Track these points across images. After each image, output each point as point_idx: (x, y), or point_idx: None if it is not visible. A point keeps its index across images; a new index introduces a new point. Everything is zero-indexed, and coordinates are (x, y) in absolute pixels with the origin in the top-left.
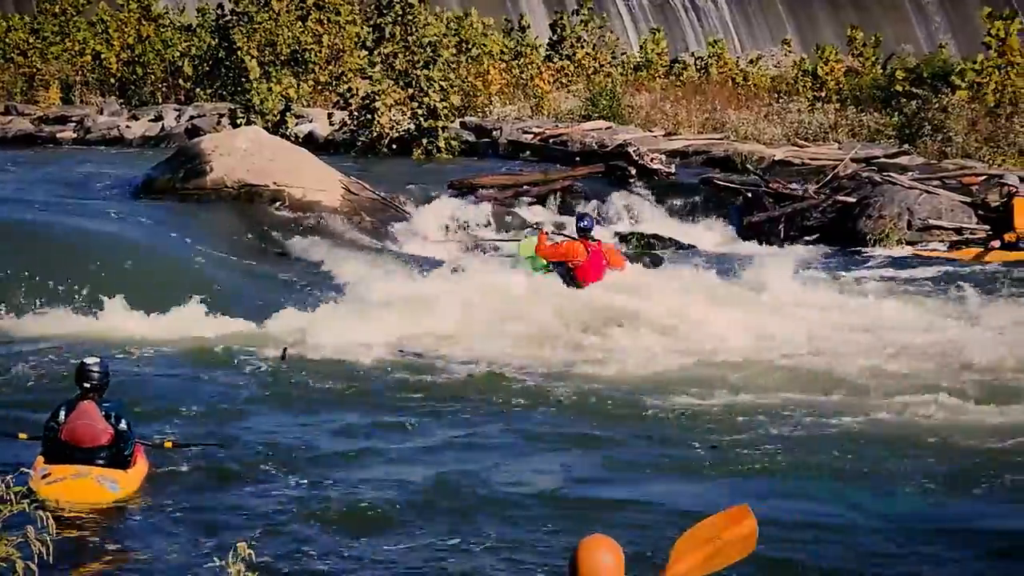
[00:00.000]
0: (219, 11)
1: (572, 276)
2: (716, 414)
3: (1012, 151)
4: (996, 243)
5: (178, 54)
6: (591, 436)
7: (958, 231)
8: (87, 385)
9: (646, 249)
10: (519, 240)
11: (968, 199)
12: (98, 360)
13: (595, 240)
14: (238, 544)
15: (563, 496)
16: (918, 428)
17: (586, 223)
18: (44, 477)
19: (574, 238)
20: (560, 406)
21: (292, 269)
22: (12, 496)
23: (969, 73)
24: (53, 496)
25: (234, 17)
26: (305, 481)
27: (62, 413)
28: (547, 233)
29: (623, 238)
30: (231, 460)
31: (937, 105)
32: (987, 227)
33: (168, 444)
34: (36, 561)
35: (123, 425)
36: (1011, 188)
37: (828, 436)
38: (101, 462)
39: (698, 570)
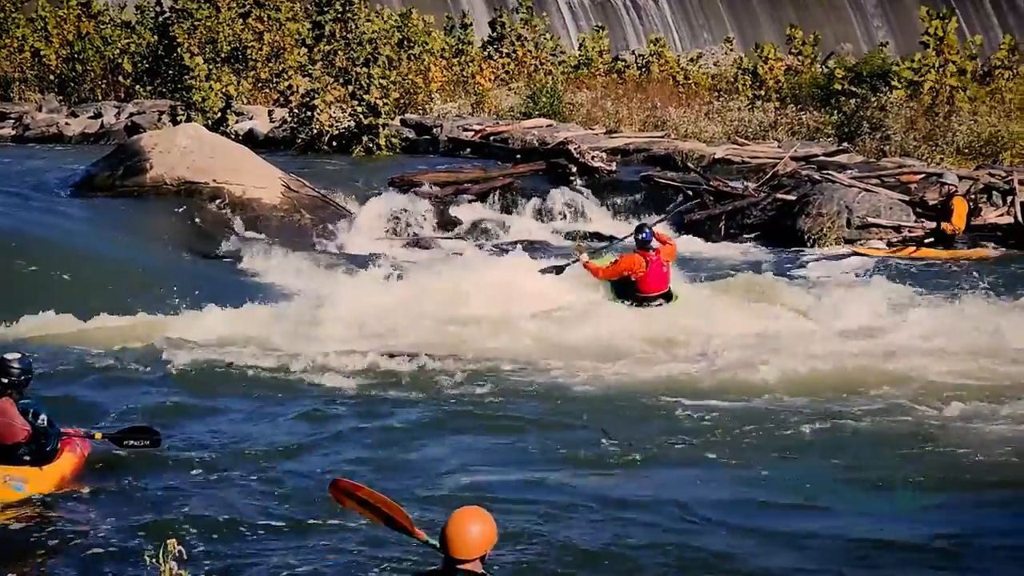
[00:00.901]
0: (158, 8)
1: (635, 289)
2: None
3: (950, 149)
4: (932, 241)
5: (118, 51)
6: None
7: (897, 229)
8: (5, 381)
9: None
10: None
11: (907, 197)
12: (19, 356)
13: (654, 249)
14: (168, 542)
15: (479, 485)
16: (903, 427)
17: (645, 235)
18: None
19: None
20: (491, 400)
21: (232, 267)
22: None
23: (907, 72)
24: None
25: (174, 14)
26: (236, 477)
27: None
28: (585, 254)
29: (566, 236)
30: (163, 455)
31: (876, 104)
32: (925, 225)
33: (98, 436)
34: None
35: (42, 421)
36: (951, 188)
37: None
38: (27, 457)
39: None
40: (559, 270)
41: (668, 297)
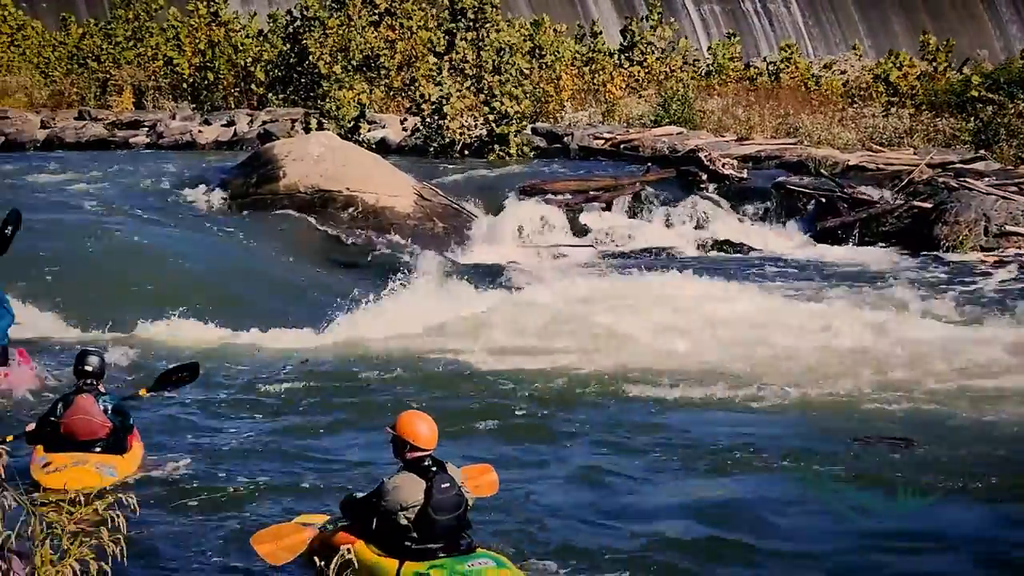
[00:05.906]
0: (289, 17)
1: None
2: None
3: None
4: None
5: (250, 59)
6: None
7: None
8: (88, 369)
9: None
10: None
11: None
12: (97, 350)
13: None
14: None
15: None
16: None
17: None
18: (44, 466)
19: None
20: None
21: (366, 275)
22: (20, 485)
23: None
24: (54, 484)
25: (305, 23)
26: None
27: (59, 407)
28: None
29: (698, 244)
30: (231, 451)
31: (1013, 110)
32: None
33: (143, 392)
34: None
35: (122, 417)
36: None
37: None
38: (98, 449)
39: None
40: None
41: None
